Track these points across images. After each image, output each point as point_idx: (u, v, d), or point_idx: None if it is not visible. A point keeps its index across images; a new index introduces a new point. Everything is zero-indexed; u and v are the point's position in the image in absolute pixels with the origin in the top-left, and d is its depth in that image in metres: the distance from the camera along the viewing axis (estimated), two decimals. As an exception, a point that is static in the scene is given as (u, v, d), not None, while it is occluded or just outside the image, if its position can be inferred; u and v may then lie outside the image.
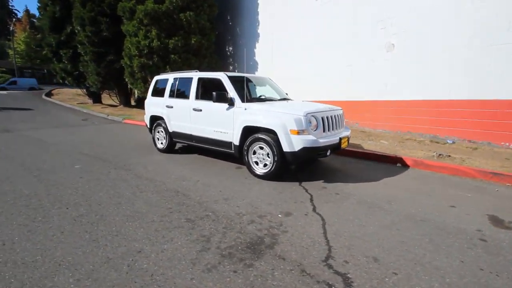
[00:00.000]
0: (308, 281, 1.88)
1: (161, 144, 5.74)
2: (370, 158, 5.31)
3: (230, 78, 4.58)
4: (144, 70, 10.75)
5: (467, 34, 6.07)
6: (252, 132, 4.15)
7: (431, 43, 6.61)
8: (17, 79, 28.60)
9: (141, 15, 10.10)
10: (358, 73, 8.06)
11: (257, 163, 4.13)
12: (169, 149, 5.64)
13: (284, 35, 10.05)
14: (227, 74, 4.66)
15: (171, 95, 5.45)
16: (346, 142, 4.36)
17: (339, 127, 4.39)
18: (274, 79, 5.80)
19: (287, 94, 5.48)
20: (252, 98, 4.57)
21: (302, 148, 3.70)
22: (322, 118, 3.99)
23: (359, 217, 2.86)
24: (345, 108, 4.75)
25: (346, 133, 4.43)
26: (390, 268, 2.04)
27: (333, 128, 4.20)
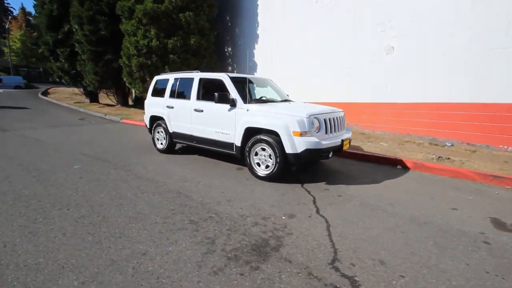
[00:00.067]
0: (316, 284, 1.87)
1: (161, 145, 5.70)
2: (370, 160, 5.32)
3: (232, 79, 4.57)
4: (143, 70, 10.69)
5: (467, 38, 6.12)
6: (254, 133, 4.14)
7: (431, 46, 6.66)
8: (2, 77, 27.33)
9: (140, 15, 10.05)
10: (358, 75, 8.09)
11: (259, 165, 4.11)
12: (169, 150, 5.60)
13: (284, 37, 10.05)
14: (229, 75, 4.64)
15: (172, 96, 5.41)
16: (348, 144, 4.36)
17: (341, 129, 4.40)
18: (273, 80, 5.79)
19: (288, 96, 5.48)
20: (254, 99, 4.55)
21: (305, 150, 3.69)
22: (325, 120, 3.99)
23: (363, 220, 2.86)
24: (345, 110, 4.76)
25: (348, 135, 4.44)
26: (397, 271, 2.03)
27: (335, 130, 4.20)
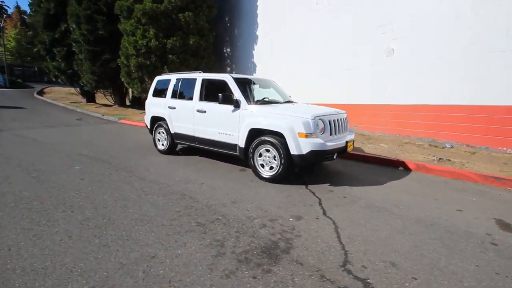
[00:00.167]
0: (329, 287, 1.86)
1: (162, 146, 5.65)
2: (372, 161, 5.34)
3: (236, 80, 4.55)
4: (141, 70, 10.61)
5: (467, 40, 6.18)
6: (258, 135, 4.12)
7: (431, 49, 6.71)
8: None
9: (139, 14, 9.98)
10: (358, 77, 8.12)
11: (263, 166, 4.09)
12: (170, 151, 5.56)
13: (283, 38, 10.06)
14: (233, 76, 4.62)
15: (174, 96, 5.37)
16: (352, 146, 4.37)
17: (344, 131, 4.41)
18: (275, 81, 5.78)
19: (290, 97, 5.47)
20: (257, 100, 4.54)
21: (310, 152, 3.69)
22: (329, 121, 3.99)
23: (370, 221, 2.86)
24: (345, 111, 4.76)
25: (351, 137, 4.44)
26: (409, 273, 2.03)
27: (339, 132, 4.21)
